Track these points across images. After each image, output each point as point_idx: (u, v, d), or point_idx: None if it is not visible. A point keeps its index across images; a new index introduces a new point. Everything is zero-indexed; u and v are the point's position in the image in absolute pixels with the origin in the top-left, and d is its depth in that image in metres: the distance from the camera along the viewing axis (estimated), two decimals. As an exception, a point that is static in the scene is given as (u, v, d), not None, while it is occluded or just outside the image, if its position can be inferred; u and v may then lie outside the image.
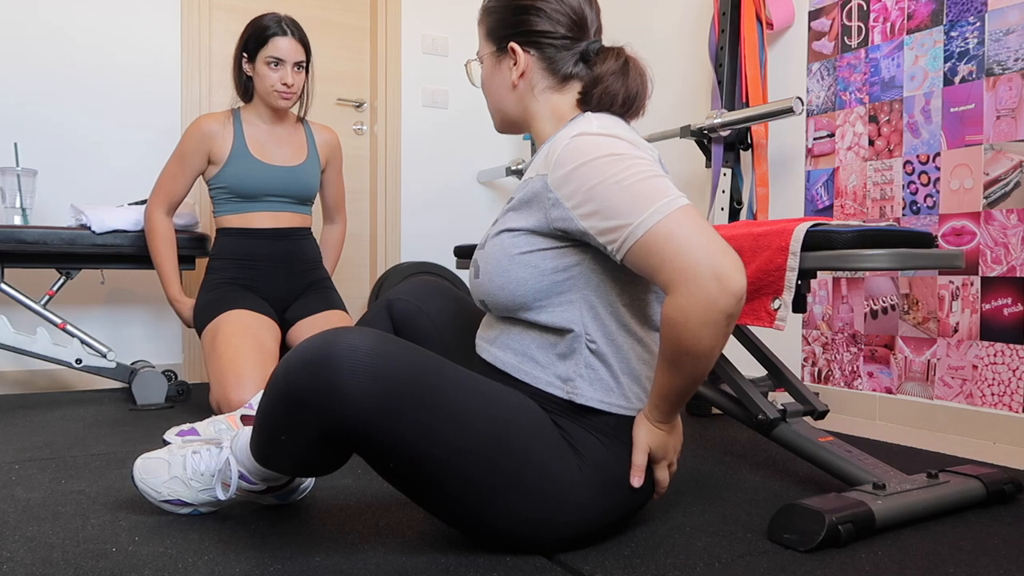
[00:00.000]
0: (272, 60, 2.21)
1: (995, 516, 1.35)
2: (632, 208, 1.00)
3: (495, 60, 1.22)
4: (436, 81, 3.49)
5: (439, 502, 1.05)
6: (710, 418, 2.29)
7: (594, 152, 1.04)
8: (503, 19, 1.19)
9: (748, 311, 1.46)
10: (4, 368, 2.70)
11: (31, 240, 2.28)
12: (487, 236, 1.17)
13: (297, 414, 1.00)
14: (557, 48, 1.17)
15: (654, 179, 1.02)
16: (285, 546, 1.14)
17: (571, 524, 1.08)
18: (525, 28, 1.16)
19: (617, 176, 1.02)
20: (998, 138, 2.04)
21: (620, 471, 1.11)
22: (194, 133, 2.25)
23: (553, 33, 1.16)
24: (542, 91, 1.19)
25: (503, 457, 1.02)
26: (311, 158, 2.38)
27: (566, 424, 1.10)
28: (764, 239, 1.42)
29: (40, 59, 2.72)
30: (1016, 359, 2.00)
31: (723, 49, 2.56)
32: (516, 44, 1.17)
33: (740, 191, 2.57)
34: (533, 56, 1.17)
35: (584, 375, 1.10)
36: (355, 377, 0.96)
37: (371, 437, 0.99)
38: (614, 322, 1.10)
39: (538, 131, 1.22)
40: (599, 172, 1.02)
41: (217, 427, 1.53)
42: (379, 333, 1.02)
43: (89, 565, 1.06)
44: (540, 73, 1.18)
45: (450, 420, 1.00)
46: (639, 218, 0.99)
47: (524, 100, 1.20)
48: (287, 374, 1.00)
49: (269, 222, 2.31)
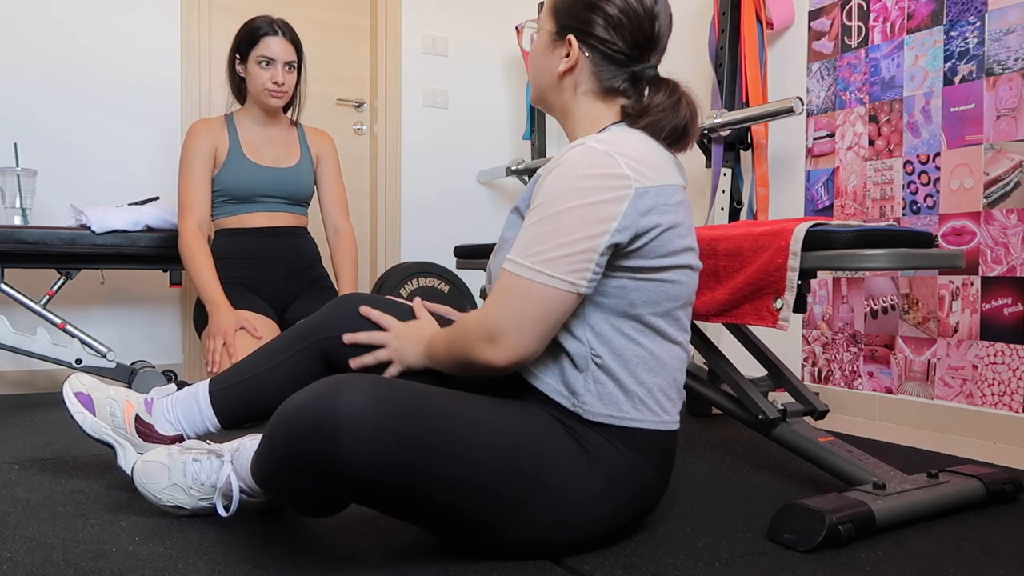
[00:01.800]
0: (263, 59, 2.23)
1: (995, 516, 1.35)
2: (532, 246, 1.04)
3: (551, 41, 1.18)
4: (436, 81, 3.49)
5: (451, 532, 1.04)
6: (710, 418, 2.29)
7: (570, 173, 1.04)
8: (571, 7, 1.15)
9: (750, 311, 1.45)
10: (4, 368, 2.70)
11: (31, 240, 2.28)
12: (501, 239, 1.17)
13: (302, 479, 0.97)
14: (611, 60, 1.14)
15: (574, 248, 1.02)
16: (285, 546, 1.14)
17: (583, 533, 1.08)
18: (588, 27, 1.13)
19: (557, 213, 1.03)
20: (998, 138, 2.04)
21: (633, 480, 1.10)
22: (195, 136, 2.26)
23: (613, 44, 1.13)
24: (584, 93, 1.17)
25: (514, 486, 1.01)
26: (304, 159, 2.39)
27: (580, 429, 1.09)
28: (764, 239, 1.42)
29: (40, 59, 2.72)
30: (1016, 359, 2.00)
31: (723, 49, 2.56)
32: (574, 38, 1.14)
33: (740, 191, 2.57)
34: (587, 57, 1.15)
35: (592, 390, 1.09)
36: (359, 442, 0.93)
37: (380, 492, 0.96)
38: (620, 336, 1.09)
39: (570, 130, 1.21)
40: (547, 197, 1.04)
41: (113, 409, 1.41)
42: (375, 381, 0.99)
43: (89, 565, 1.06)
44: (588, 75, 1.16)
45: (457, 460, 0.98)
46: (518, 258, 1.04)
47: (565, 93, 1.18)
48: (287, 442, 0.96)
49: (265, 222, 2.31)
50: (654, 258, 1.07)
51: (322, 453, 0.93)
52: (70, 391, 1.41)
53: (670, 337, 1.12)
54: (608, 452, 1.09)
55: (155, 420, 1.40)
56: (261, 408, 1.41)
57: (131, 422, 1.39)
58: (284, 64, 2.25)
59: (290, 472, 0.97)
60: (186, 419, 1.41)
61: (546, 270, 1.02)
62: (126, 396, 1.42)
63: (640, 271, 1.08)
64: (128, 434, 1.39)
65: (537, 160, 3.34)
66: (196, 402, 1.40)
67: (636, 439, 1.10)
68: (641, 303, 1.09)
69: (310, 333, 1.36)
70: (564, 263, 1.02)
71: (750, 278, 1.43)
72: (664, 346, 1.12)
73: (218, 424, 1.41)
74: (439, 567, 1.06)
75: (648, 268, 1.08)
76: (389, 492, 0.96)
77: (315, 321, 1.37)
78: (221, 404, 1.40)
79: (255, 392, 1.39)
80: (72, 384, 1.42)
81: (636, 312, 1.09)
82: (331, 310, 1.36)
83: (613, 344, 1.08)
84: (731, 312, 1.48)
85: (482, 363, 1.06)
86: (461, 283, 3.20)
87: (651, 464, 1.12)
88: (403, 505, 0.99)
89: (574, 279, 1.03)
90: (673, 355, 1.13)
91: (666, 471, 1.16)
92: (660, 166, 1.09)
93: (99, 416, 1.39)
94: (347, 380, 0.98)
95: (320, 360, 1.36)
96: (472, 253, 2.28)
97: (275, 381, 1.38)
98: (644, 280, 1.08)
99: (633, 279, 1.08)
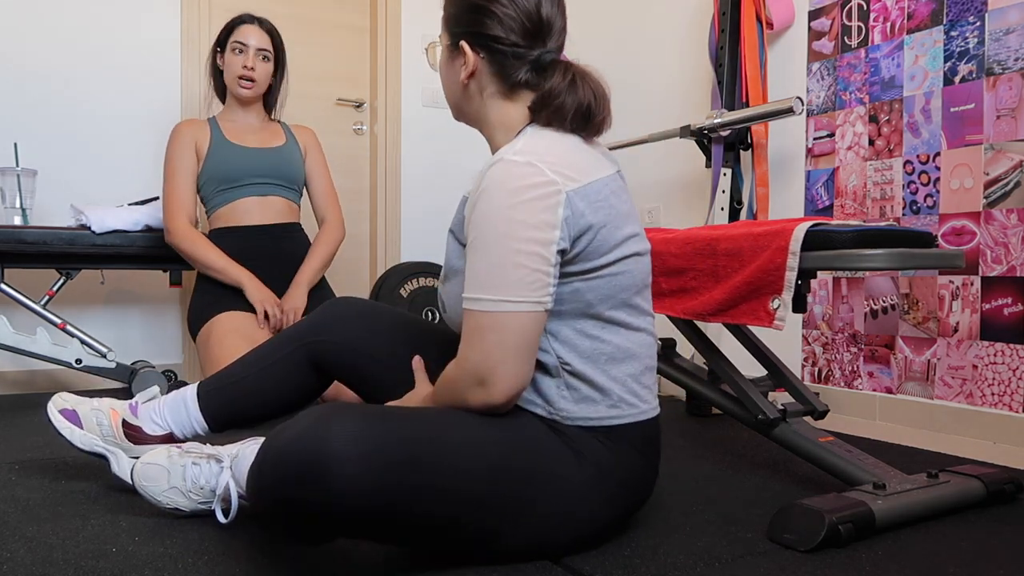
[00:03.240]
0: (237, 46, 2.29)
1: (995, 516, 1.35)
2: (487, 278, 1.01)
3: (449, 53, 1.19)
4: (436, 81, 3.48)
5: (445, 548, 1.03)
6: (710, 418, 2.29)
7: (498, 193, 1.02)
8: (458, 14, 1.15)
9: (747, 310, 1.46)
10: (4, 368, 2.70)
11: (31, 240, 2.27)
12: (447, 267, 1.15)
13: (294, 519, 0.93)
14: (507, 55, 1.13)
15: (528, 267, 1.01)
16: (284, 546, 1.14)
17: (577, 529, 1.08)
18: (477, 29, 1.13)
19: (499, 237, 1.01)
20: (998, 138, 2.04)
21: (621, 468, 1.11)
22: (176, 135, 2.32)
23: (504, 39, 1.12)
24: (491, 96, 1.16)
25: (507, 490, 1.01)
26: (290, 143, 2.42)
27: (566, 429, 1.09)
28: (764, 239, 1.42)
29: (40, 59, 2.72)
30: (1016, 359, 2.00)
31: (723, 49, 2.56)
32: (466, 43, 1.14)
33: (740, 191, 2.57)
34: (483, 59, 1.14)
35: (567, 396, 1.09)
36: (351, 483, 0.90)
37: (372, 525, 0.95)
38: (583, 338, 1.09)
39: (489, 137, 1.20)
40: (485, 224, 1.02)
41: (99, 419, 1.41)
42: (361, 412, 0.96)
43: (89, 565, 1.06)
44: (489, 77, 1.15)
45: (449, 478, 0.96)
46: (477, 294, 1.02)
47: (474, 101, 1.18)
48: (274, 488, 0.91)
49: (258, 210, 2.32)
50: (599, 256, 1.07)
51: (315, 500, 0.90)
52: (55, 410, 1.41)
53: (632, 326, 1.12)
54: (592, 447, 1.09)
55: (142, 422, 1.40)
56: (250, 411, 1.40)
57: (119, 427, 1.39)
58: (257, 51, 2.29)
59: (282, 515, 0.93)
60: (174, 421, 1.40)
61: (510, 297, 1.01)
62: (111, 405, 1.42)
63: (589, 272, 1.07)
64: (118, 440, 1.39)
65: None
66: (184, 405, 1.40)
67: (617, 433, 1.11)
68: (597, 301, 1.08)
69: (299, 337, 1.36)
70: (524, 285, 1.01)
71: (749, 278, 1.43)
72: (628, 336, 1.12)
73: (206, 427, 1.41)
74: (439, 567, 1.06)
75: (596, 268, 1.07)
76: (382, 524, 0.94)
77: (304, 325, 1.36)
78: (209, 407, 1.40)
79: (243, 395, 1.39)
80: (55, 403, 1.42)
81: (594, 311, 1.09)
82: (320, 314, 1.35)
83: (578, 347, 1.08)
84: (728, 312, 1.48)
85: (480, 407, 1.04)
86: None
87: (636, 452, 1.13)
88: (397, 534, 0.97)
89: (538, 297, 1.02)
90: (639, 342, 1.13)
91: (652, 457, 1.16)
92: (582, 165, 1.08)
93: (87, 428, 1.39)
94: (335, 415, 0.94)
95: (308, 364, 1.36)
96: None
97: (263, 384, 1.38)
98: (595, 279, 1.08)
99: (584, 281, 1.07)
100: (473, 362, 1.02)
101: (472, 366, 1.02)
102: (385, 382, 1.30)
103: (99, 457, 1.38)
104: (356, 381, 1.34)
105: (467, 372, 1.03)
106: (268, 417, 1.42)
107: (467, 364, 1.03)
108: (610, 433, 1.10)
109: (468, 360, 1.03)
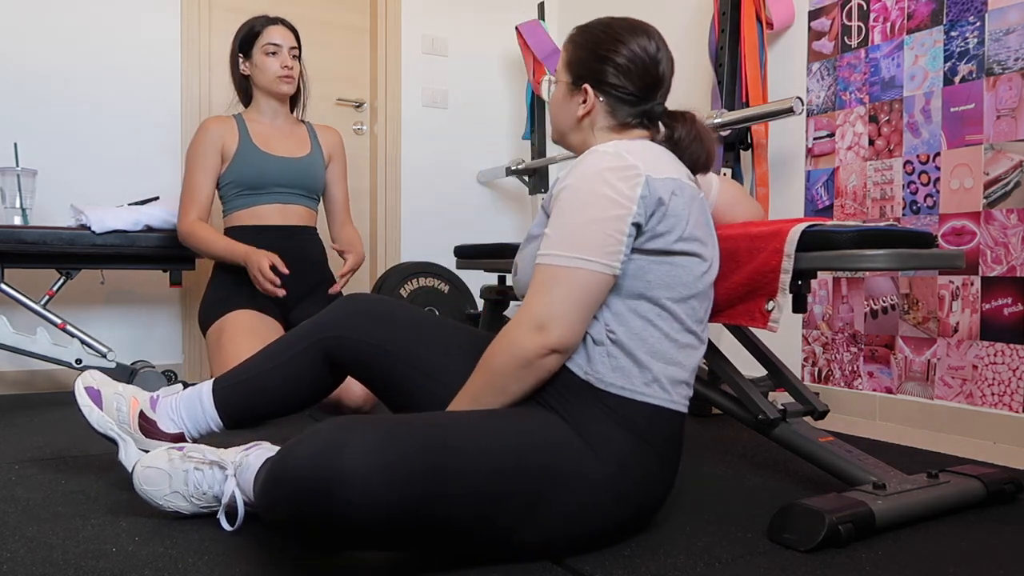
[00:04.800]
0: (270, 47, 2.29)
1: (995, 516, 1.35)
2: (565, 238, 1.11)
3: (568, 90, 1.30)
4: (436, 81, 3.49)
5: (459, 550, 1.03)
6: (710, 418, 2.29)
7: (585, 171, 1.13)
8: (584, 60, 1.27)
9: (743, 312, 1.46)
10: (4, 368, 2.70)
11: (31, 240, 2.28)
12: (528, 234, 1.24)
13: (311, 533, 0.93)
14: (623, 100, 1.26)
15: (604, 233, 1.10)
16: (285, 546, 1.14)
17: (592, 529, 1.09)
18: (600, 76, 1.25)
19: (582, 205, 1.11)
20: (998, 138, 2.04)
21: (637, 466, 1.11)
22: (204, 133, 2.30)
23: (624, 88, 1.25)
24: (601, 129, 1.28)
25: (524, 499, 1.01)
26: (315, 152, 2.42)
27: (589, 422, 1.10)
28: (760, 240, 1.42)
29: (40, 59, 2.72)
30: (1016, 359, 2.00)
31: (723, 49, 2.56)
32: (589, 87, 1.26)
33: (740, 191, 2.57)
34: (601, 101, 1.27)
35: (606, 361, 1.12)
36: (372, 498, 0.90)
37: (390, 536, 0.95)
38: (636, 317, 1.13)
39: None
40: (569, 195, 1.13)
41: (119, 404, 1.42)
42: (377, 425, 0.96)
43: (89, 565, 1.06)
44: (603, 114, 1.28)
45: (469, 483, 0.97)
46: (553, 250, 1.11)
47: (584, 133, 1.30)
48: (290, 505, 0.91)
49: (278, 216, 2.33)
50: (668, 240, 1.14)
51: (334, 517, 0.90)
52: (81, 386, 1.44)
53: (685, 324, 1.17)
54: (612, 440, 1.09)
55: (158, 417, 1.42)
56: (264, 408, 1.41)
57: (135, 418, 1.41)
58: (289, 50, 2.32)
59: (301, 531, 0.93)
60: (189, 418, 1.42)
61: (585, 256, 1.09)
62: (133, 393, 1.44)
63: (655, 253, 1.14)
64: (131, 430, 1.40)
65: (537, 160, 3.34)
66: (200, 401, 1.42)
67: (643, 417, 1.12)
68: (657, 285, 1.14)
69: (313, 333, 1.37)
70: (598, 247, 1.09)
71: (745, 279, 1.43)
72: (679, 333, 1.16)
73: (221, 423, 1.41)
74: (440, 567, 1.06)
75: (662, 251, 1.14)
76: (400, 535, 0.95)
77: (318, 321, 1.37)
78: (224, 403, 1.41)
79: (258, 392, 1.40)
80: (84, 379, 1.45)
81: (652, 294, 1.14)
82: (335, 310, 1.36)
83: (629, 324, 1.13)
84: (725, 312, 1.49)
85: (533, 352, 1.08)
86: (461, 283, 3.20)
87: (654, 453, 1.13)
88: (412, 544, 0.97)
89: (610, 261, 1.10)
90: (688, 343, 1.17)
91: (671, 456, 1.17)
92: (665, 164, 1.17)
93: (106, 411, 1.41)
94: (350, 430, 0.93)
95: (323, 360, 1.37)
96: (472, 253, 2.28)
97: (278, 381, 1.39)
98: (658, 262, 1.14)
99: (648, 260, 1.13)
100: (537, 307, 1.09)
101: (535, 311, 1.09)
102: (400, 377, 1.31)
103: (109, 440, 1.39)
104: (371, 377, 1.35)
105: (529, 316, 1.10)
106: (282, 413, 1.43)
107: (530, 310, 1.10)
108: (635, 416, 1.11)
109: (532, 306, 1.10)
